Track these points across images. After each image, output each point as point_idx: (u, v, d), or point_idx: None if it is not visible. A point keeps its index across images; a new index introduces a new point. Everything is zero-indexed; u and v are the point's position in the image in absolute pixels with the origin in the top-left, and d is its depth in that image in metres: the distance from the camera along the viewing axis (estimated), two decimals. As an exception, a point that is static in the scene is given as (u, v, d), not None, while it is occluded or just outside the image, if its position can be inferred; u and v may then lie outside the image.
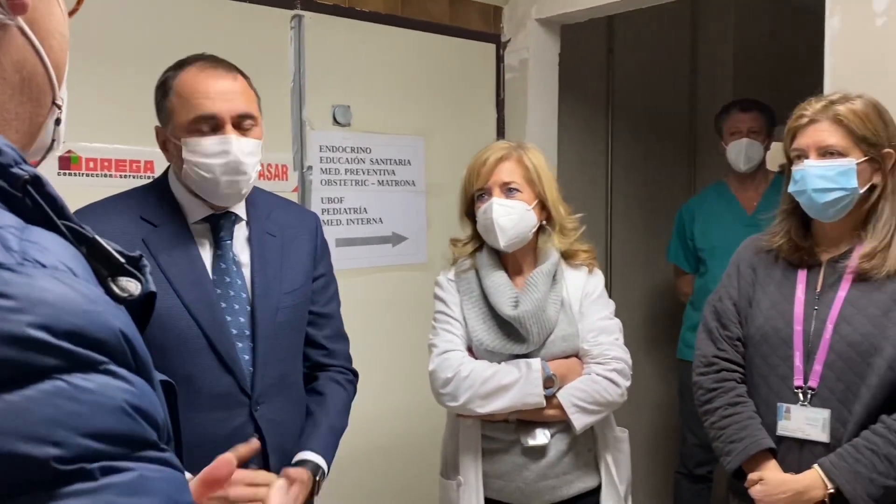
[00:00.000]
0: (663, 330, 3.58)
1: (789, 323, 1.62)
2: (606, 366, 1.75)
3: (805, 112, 1.60)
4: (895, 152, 1.57)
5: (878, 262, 1.53)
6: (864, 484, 1.47)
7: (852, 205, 1.57)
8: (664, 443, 3.62)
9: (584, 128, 3.37)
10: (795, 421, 1.58)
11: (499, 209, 1.74)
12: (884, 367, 1.49)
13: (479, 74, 2.82)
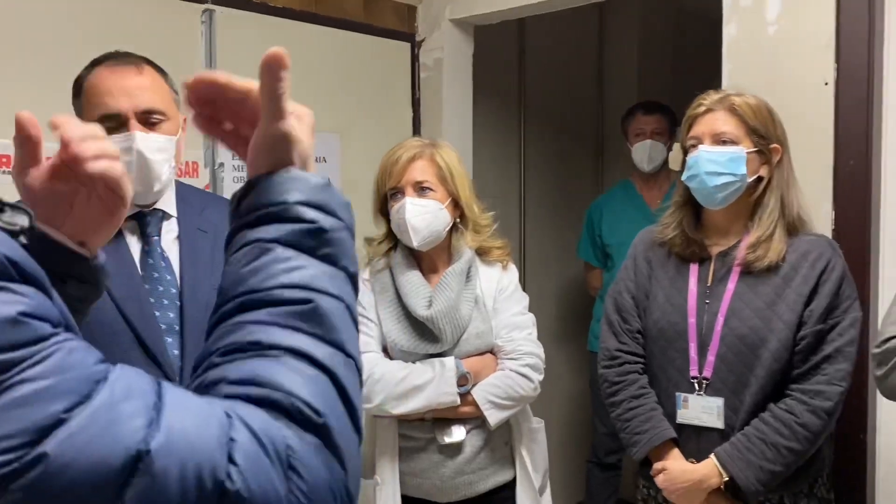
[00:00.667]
0: (575, 323, 3.70)
1: (684, 316, 1.69)
2: (519, 361, 1.78)
3: (703, 102, 1.69)
4: (781, 149, 1.67)
5: (762, 253, 1.62)
6: (754, 471, 1.57)
7: (740, 192, 1.65)
8: (577, 433, 3.74)
9: (497, 127, 3.44)
10: (693, 409, 1.67)
11: (411, 209, 1.75)
12: (770, 359, 1.59)
13: (395, 73, 2.83)
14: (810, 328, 1.58)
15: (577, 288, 3.68)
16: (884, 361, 1.38)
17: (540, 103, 3.60)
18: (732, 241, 1.70)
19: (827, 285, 1.59)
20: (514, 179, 3.55)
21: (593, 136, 3.91)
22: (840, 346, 1.58)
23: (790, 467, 1.58)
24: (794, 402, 1.58)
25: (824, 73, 1.95)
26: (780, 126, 1.69)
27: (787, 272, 1.61)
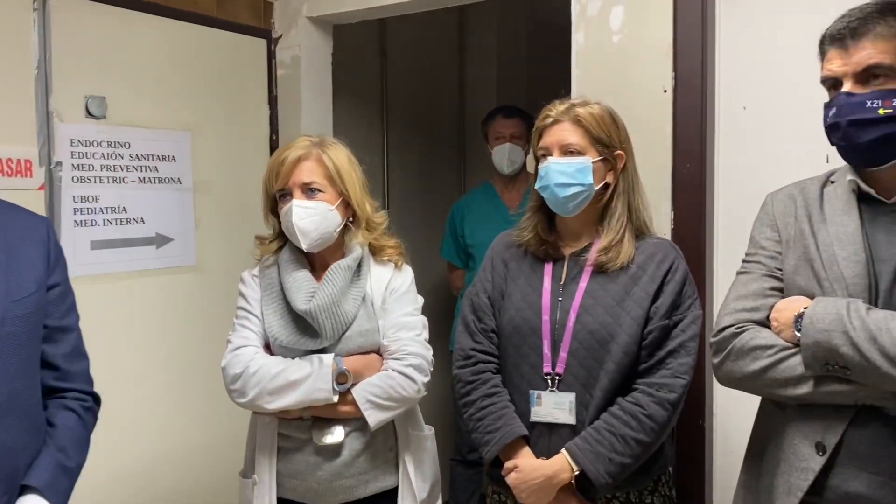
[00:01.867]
0: (440, 323, 3.72)
1: (538, 314, 1.73)
2: (403, 361, 1.75)
3: (550, 113, 1.75)
4: (626, 155, 1.75)
5: (613, 256, 1.69)
6: (604, 464, 1.61)
7: (589, 200, 1.72)
8: (442, 432, 3.76)
9: (359, 127, 3.41)
10: (546, 406, 1.69)
11: (299, 211, 1.72)
12: (619, 354, 1.65)
13: (250, 70, 2.74)
14: (656, 324, 1.65)
15: (441, 288, 3.71)
16: (719, 350, 1.45)
17: (402, 104, 3.61)
18: (584, 244, 1.77)
19: (671, 284, 1.67)
20: (378, 180, 3.54)
21: (456, 138, 3.96)
22: (683, 342, 1.66)
23: (638, 459, 1.63)
24: (640, 395, 1.64)
25: (663, 81, 2.06)
26: (625, 132, 1.77)
27: (635, 272, 1.69)
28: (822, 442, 1.33)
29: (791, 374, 1.34)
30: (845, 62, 1.33)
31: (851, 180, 1.40)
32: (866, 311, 1.27)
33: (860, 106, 1.30)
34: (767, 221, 1.52)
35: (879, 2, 1.33)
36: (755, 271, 1.48)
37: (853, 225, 1.37)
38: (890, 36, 1.29)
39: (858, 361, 1.25)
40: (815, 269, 1.39)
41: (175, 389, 2.46)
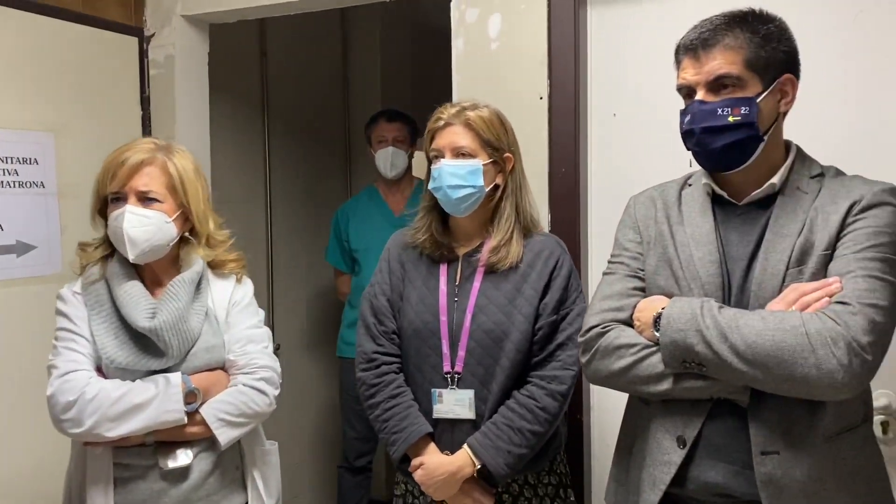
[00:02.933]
0: (326, 330, 3.68)
1: (436, 315, 1.78)
2: (253, 375, 1.69)
3: (442, 116, 1.79)
4: (514, 157, 1.81)
5: (503, 255, 1.76)
6: (503, 456, 1.68)
7: (480, 202, 1.78)
8: (328, 439, 3.72)
9: (240, 129, 3.32)
10: (447, 403, 1.75)
11: (132, 219, 1.60)
12: (513, 351, 1.72)
13: (121, 69, 2.62)
14: (545, 319, 1.73)
15: (328, 294, 3.67)
16: (586, 349, 1.50)
17: (285, 107, 3.55)
18: (476, 244, 1.82)
19: (558, 280, 1.76)
20: (260, 183, 3.46)
21: (341, 141, 3.93)
22: (571, 334, 1.74)
23: (534, 449, 1.71)
24: (534, 388, 1.72)
25: (539, 88, 2.13)
26: (513, 135, 1.83)
27: (525, 270, 1.76)
28: (682, 436, 1.40)
29: (652, 371, 1.38)
30: (698, 71, 1.39)
31: (706, 183, 1.48)
32: (718, 310, 1.33)
33: (712, 113, 1.37)
34: (630, 223, 1.58)
35: (728, 14, 1.42)
36: (619, 272, 1.54)
37: (708, 226, 1.44)
38: (737, 47, 1.36)
39: (712, 358, 1.30)
40: (673, 269, 1.45)
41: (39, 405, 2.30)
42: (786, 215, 1.39)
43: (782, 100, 1.42)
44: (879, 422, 1.81)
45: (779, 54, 1.39)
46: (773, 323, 1.27)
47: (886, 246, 1.31)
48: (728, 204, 1.46)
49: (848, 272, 1.30)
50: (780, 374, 1.26)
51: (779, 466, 1.32)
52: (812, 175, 1.43)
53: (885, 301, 1.27)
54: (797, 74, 1.43)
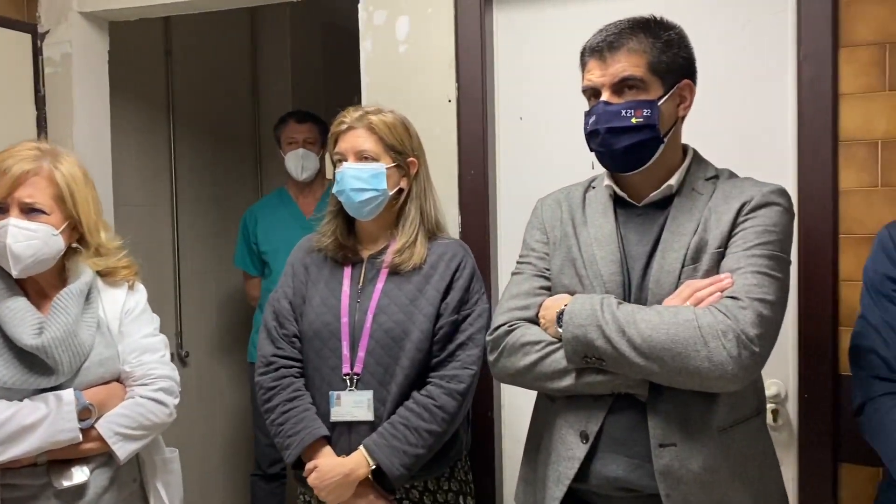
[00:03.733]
0: (237, 335, 3.60)
1: (337, 317, 1.77)
2: (151, 386, 1.64)
3: (345, 119, 1.80)
4: (418, 161, 1.83)
5: (407, 257, 1.77)
6: (399, 456, 1.67)
7: (384, 205, 1.79)
8: (241, 446, 3.64)
9: (143, 130, 3.21)
10: (345, 406, 1.74)
11: (16, 233, 1.51)
12: (412, 350, 1.72)
13: (12, 67, 2.49)
14: (446, 319, 1.75)
15: (238, 298, 3.60)
16: (494, 347, 1.53)
17: (192, 107, 3.45)
18: (381, 246, 1.83)
19: (460, 281, 1.77)
20: (165, 186, 3.35)
21: (251, 143, 3.85)
22: (471, 334, 1.76)
23: (431, 449, 1.71)
24: (432, 388, 1.72)
25: (447, 91, 2.15)
26: (417, 140, 1.85)
27: (428, 271, 1.77)
28: (585, 431, 1.44)
29: (556, 367, 1.42)
30: (603, 73, 1.44)
31: (608, 185, 1.54)
32: (617, 306, 1.37)
33: (616, 114, 1.42)
34: (537, 225, 1.62)
35: (632, 20, 1.47)
36: (526, 272, 1.58)
37: (609, 227, 1.49)
38: (641, 51, 1.42)
39: (611, 353, 1.35)
40: (577, 269, 1.50)
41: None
42: (682, 215, 1.45)
43: (681, 104, 1.48)
44: (770, 410, 1.91)
45: (679, 60, 1.45)
46: (668, 317, 1.32)
47: (774, 244, 1.38)
48: (629, 205, 1.51)
49: (738, 268, 1.36)
50: (675, 367, 1.30)
51: (676, 458, 1.36)
52: (707, 177, 1.49)
53: (773, 296, 1.34)
54: (695, 81, 1.50)
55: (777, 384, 1.92)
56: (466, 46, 2.13)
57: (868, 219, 1.77)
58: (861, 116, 1.79)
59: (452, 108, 2.15)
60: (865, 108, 1.79)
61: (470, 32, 2.12)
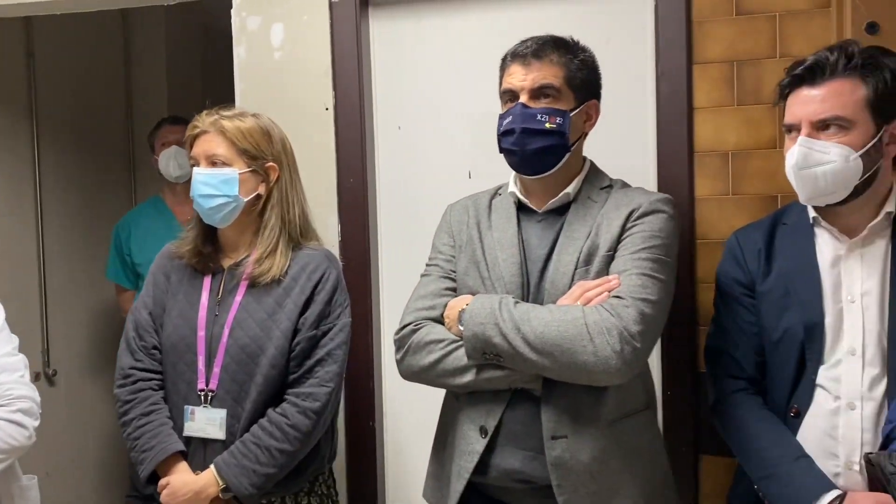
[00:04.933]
0: (109, 352, 3.42)
1: (194, 330, 1.72)
2: (9, 407, 1.57)
3: (197, 124, 1.76)
4: (278, 167, 1.78)
5: (266, 267, 1.72)
6: (248, 476, 1.63)
7: (238, 212, 1.74)
8: (115, 468, 3.48)
9: (2, 138, 3.02)
10: (199, 422, 1.69)
11: None
12: (267, 367, 1.67)
13: None
14: (304, 335, 1.70)
15: (110, 313, 3.43)
16: (400, 346, 1.58)
17: (58, 113, 3.27)
18: (242, 255, 1.78)
19: (321, 294, 1.73)
20: (28, 195, 3.16)
21: (124, 151, 3.69)
22: (330, 350, 1.72)
23: (284, 468, 1.66)
24: (287, 406, 1.67)
25: (325, 99, 2.14)
26: (280, 145, 1.79)
27: (288, 283, 1.73)
28: (484, 425, 1.52)
29: (458, 364, 1.51)
30: (524, 78, 1.54)
31: (512, 192, 1.64)
32: (514, 305, 1.47)
33: (532, 117, 1.52)
34: (445, 229, 1.70)
35: (553, 36, 1.59)
36: (433, 273, 1.65)
37: (512, 231, 1.60)
38: (561, 64, 1.55)
39: (507, 349, 1.44)
40: (480, 270, 1.59)
41: None
42: (577, 221, 1.56)
43: (588, 121, 1.62)
44: (638, 407, 2.01)
45: (591, 79, 1.61)
46: (558, 315, 1.42)
47: (658, 248, 1.50)
48: (531, 211, 1.62)
49: (625, 270, 1.47)
50: (564, 362, 1.40)
51: (567, 449, 1.46)
52: (602, 186, 1.62)
53: (655, 296, 1.44)
54: (600, 102, 1.64)
55: (644, 382, 2.02)
56: (343, 55, 2.13)
57: (721, 224, 1.89)
58: (713, 129, 1.92)
59: (330, 116, 2.14)
60: (717, 122, 1.91)
61: (346, 41, 2.12)
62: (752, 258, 1.58)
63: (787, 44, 1.86)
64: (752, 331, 1.55)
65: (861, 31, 1.70)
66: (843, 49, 1.43)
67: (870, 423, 1.40)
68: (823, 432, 1.44)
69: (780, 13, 1.86)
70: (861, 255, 1.46)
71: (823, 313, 1.46)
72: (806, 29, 1.84)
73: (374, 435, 2.16)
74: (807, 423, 1.47)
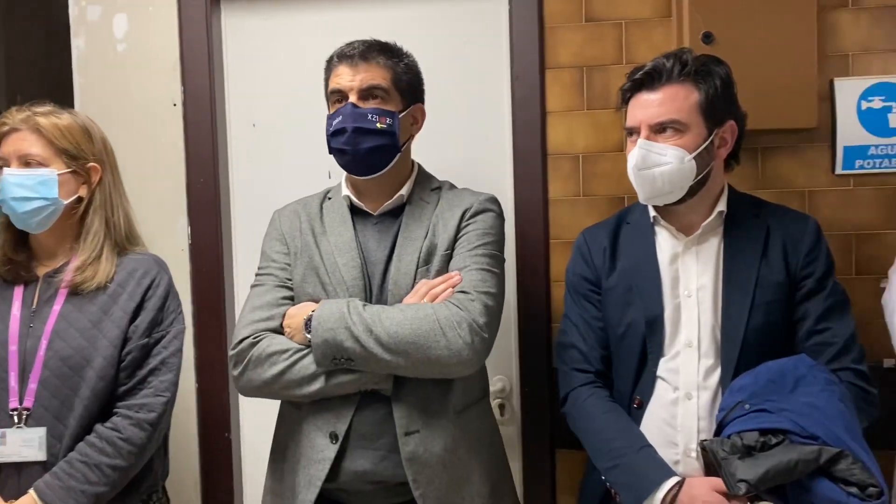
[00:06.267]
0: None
1: (4, 344, 1.56)
2: None
3: (6, 121, 1.59)
4: (101, 168, 1.64)
5: (90, 275, 1.59)
6: (76, 497, 1.49)
7: (57, 215, 1.59)
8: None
9: None
10: (12, 445, 1.52)
11: None
12: (94, 379, 1.54)
13: None
14: (135, 343, 1.59)
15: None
16: (238, 361, 1.51)
17: None
18: (60, 262, 1.63)
19: (152, 300, 1.62)
20: None
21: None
22: (165, 358, 1.61)
23: (116, 486, 1.54)
24: (119, 419, 1.56)
25: (173, 95, 2.04)
26: (100, 144, 1.66)
27: (115, 290, 1.60)
28: (334, 431, 1.50)
29: (305, 373, 1.47)
30: (353, 78, 1.55)
31: (345, 196, 1.64)
32: (363, 308, 1.47)
33: (363, 116, 1.53)
34: (276, 235, 1.65)
35: (378, 40, 1.60)
36: (268, 283, 1.60)
37: (349, 234, 1.59)
38: (387, 66, 1.57)
39: (359, 352, 1.44)
40: (320, 276, 1.56)
41: None
42: (413, 222, 1.59)
43: (414, 125, 1.64)
44: (497, 405, 2.04)
45: (415, 83, 1.63)
46: (410, 313, 1.45)
47: (492, 244, 1.58)
48: (365, 214, 1.63)
49: (465, 267, 1.53)
50: (419, 358, 1.43)
51: (420, 443, 1.48)
52: (432, 188, 1.66)
53: (495, 289, 1.52)
54: (424, 106, 1.66)
55: (503, 380, 2.05)
56: (192, 48, 2.03)
57: (573, 224, 1.95)
58: (565, 133, 1.97)
59: (178, 113, 2.04)
60: (568, 126, 1.97)
61: (195, 34, 2.03)
62: (598, 256, 1.63)
63: (633, 51, 1.94)
64: (599, 326, 1.61)
65: (698, 41, 1.80)
66: (678, 56, 1.50)
67: (705, 411, 1.48)
68: (664, 422, 1.50)
69: (626, 21, 1.94)
70: (696, 251, 1.54)
71: (663, 307, 1.53)
72: (649, 37, 1.93)
73: (230, 447, 2.07)
74: (649, 413, 1.53)
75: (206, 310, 2.05)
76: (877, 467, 1.27)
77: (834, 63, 1.87)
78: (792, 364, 1.40)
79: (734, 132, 1.53)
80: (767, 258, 1.50)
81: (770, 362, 1.42)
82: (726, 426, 1.38)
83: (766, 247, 1.51)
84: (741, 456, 1.32)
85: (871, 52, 1.87)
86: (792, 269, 1.50)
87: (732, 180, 1.71)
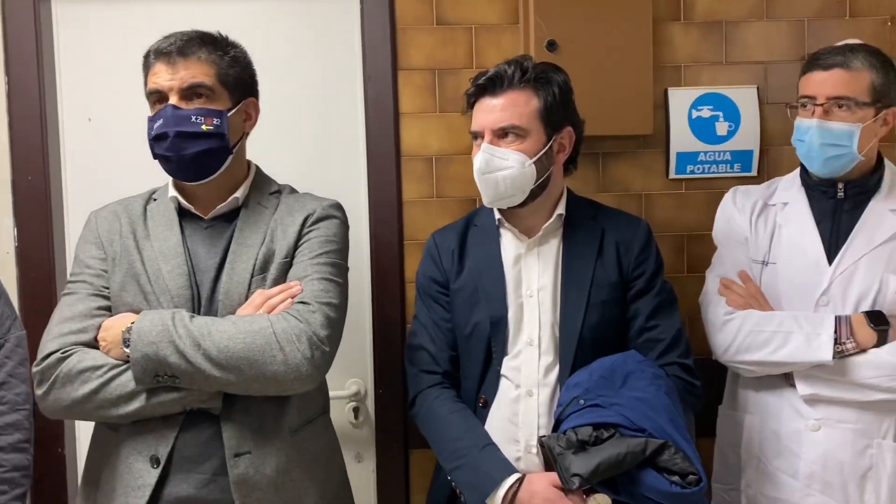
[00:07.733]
0: None
1: None
2: None
3: None
4: None
5: None
6: None
7: None
8: None
9: None
10: None
11: None
12: None
13: None
14: None
15: None
16: (44, 379, 1.37)
17: None
18: None
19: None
20: None
21: None
22: (12, 370, 1.52)
23: None
24: None
25: (-6, 88, 1.88)
26: None
27: None
28: (155, 454, 1.37)
29: (122, 391, 1.35)
30: (172, 77, 1.42)
31: (173, 197, 1.50)
32: (190, 320, 1.35)
33: (186, 119, 1.41)
34: (92, 239, 1.51)
35: (199, 32, 1.47)
36: (81, 291, 1.46)
37: (175, 239, 1.47)
38: (210, 61, 1.44)
39: (186, 368, 1.32)
40: (141, 284, 1.43)
41: None
42: (248, 228, 1.48)
43: (247, 121, 1.53)
44: (351, 408, 2.02)
45: (245, 77, 1.51)
46: (244, 326, 1.35)
47: (335, 252, 1.49)
48: (196, 218, 1.51)
49: (306, 276, 1.44)
50: (252, 374, 1.33)
51: (251, 465, 1.38)
52: (271, 192, 1.56)
53: (337, 300, 1.44)
54: (258, 99, 1.55)
55: (358, 383, 2.03)
56: (17, 38, 1.89)
57: (426, 226, 1.96)
58: (418, 135, 1.98)
59: (1, 106, 1.88)
60: (421, 128, 1.98)
61: (21, 23, 1.89)
62: (446, 258, 1.64)
63: (482, 55, 1.97)
64: (447, 327, 1.62)
65: (542, 48, 1.85)
66: (519, 63, 1.54)
67: (545, 408, 1.52)
68: (507, 419, 1.54)
69: (476, 26, 1.97)
70: (538, 253, 1.59)
71: (507, 307, 1.56)
72: (498, 42, 1.97)
73: (63, 463, 1.94)
74: (493, 412, 1.56)
75: (35, 317, 1.90)
76: (697, 457, 1.36)
77: (668, 73, 1.98)
78: (622, 360, 1.47)
79: (572, 138, 1.59)
80: (602, 259, 1.57)
81: (603, 358, 1.48)
82: (563, 421, 1.43)
83: (602, 248, 1.58)
84: (575, 451, 1.36)
85: (700, 63, 2.00)
86: (624, 269, 1.57)
87: (575, 184, 1.78)
